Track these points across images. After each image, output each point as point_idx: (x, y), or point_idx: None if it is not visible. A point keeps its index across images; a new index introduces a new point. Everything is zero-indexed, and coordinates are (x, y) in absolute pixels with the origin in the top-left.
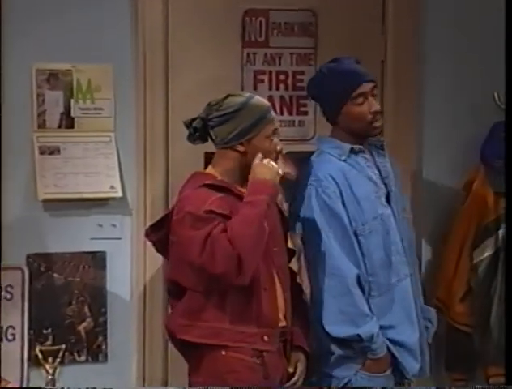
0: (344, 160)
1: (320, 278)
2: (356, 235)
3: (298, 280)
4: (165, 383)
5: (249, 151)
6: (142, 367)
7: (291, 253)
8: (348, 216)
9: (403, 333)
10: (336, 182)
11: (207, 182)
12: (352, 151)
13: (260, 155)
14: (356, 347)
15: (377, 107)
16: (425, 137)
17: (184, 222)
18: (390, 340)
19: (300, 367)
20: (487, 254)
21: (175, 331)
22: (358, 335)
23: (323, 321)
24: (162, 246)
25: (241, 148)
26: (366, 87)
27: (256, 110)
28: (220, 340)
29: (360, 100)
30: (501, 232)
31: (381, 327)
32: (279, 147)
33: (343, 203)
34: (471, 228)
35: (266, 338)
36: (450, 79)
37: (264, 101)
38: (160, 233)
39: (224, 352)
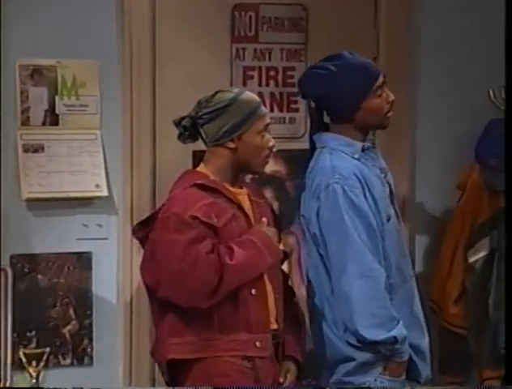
0: (358, 159)
1: (351, 280)
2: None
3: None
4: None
5: (240, 148)
6: (128, 371)
7: (284, 255)
8: (374, 217)
9: (415, 336)
10: (360, 181)
11: (198, 182)
12: (362, 148)
13: None
14: (384, 350)
15: (392, 96)
16: (419, 134)
17: (168, 222)
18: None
19: (291, 377)
20: (482, 254)
21: (165, 352)
22: (394, 337)
23: (354, 324)
24: None
25: (231, 145)
26: (382, 78)
27: (246, 105)
28: (213, 352)
29: (379, 91)
30: (496, 231)
31: None
32: (271, 143)
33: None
34: (465, 227)
35: (258, 344)
36: (444, 76)
37: (254, 96)
38: (147, 231)
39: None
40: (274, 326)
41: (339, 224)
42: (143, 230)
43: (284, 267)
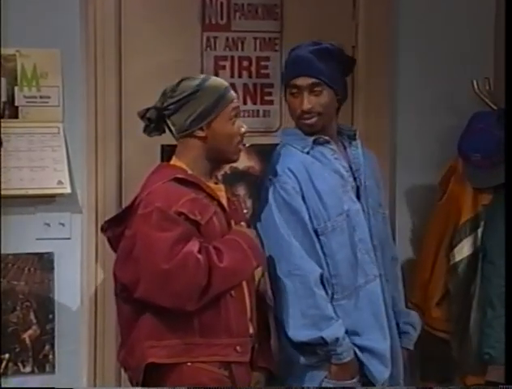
0: (307, 153)
1: (280, 279)
2: (317, 233)
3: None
4: None
5: (211, 136)
6: (93, 379)
7: None
8: (309, 213)
9: (371, 338)
10: (296, 177)
11: (179, 176)
12: (315, 142)
13: None
14: (320, 352)
15: (306, 106)
16: (399, 128)
17: (151, 218)
18: (357, 346)
19: None
20: (465, 254)
21: (143, 356)
22: (322, 338)
23: (285, 325)
24: (119, 243)
25: (201, 133)
26: (303, 81)
27: (213, 90)
28: (193, 357)
29: (295, 92)
30: (480, 230)
31: (348, 332)
32: (243, 129)
33: (304, 199)
34: (448, 226)
35: (238, 348)
36: (425, 67)
37: (221, 81)
38: (119, 229)
39: (189, 364)
40: (251, 329)
41: (269, 222)
42: (114, 228)
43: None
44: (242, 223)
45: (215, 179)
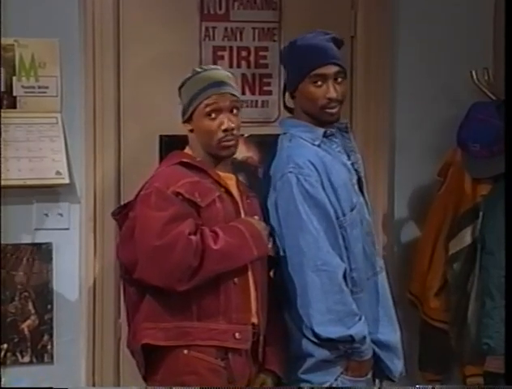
0: (318, 145)
1: (306, 274)
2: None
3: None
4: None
5: (195, 130)
6: (91, 369)
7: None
8: (332, 206)
9: (384, 332)
10: (316, 169)
11: (184, 160)
12: (325, 134)
13: None
14: (342, 349)
15: (333, 94)
16: (398, 118)
17: (150, 198)
18: (373, 340)
19: None
20: (464, 245)
21: (139, 337)
22: (350, 336)
23: (309, 320)
24: None
25: (188, 127)
26: (329, 69)
27: (197, 84)
28: (189, 340)
29: (319, 82)
30: (478, 221)
31: None
32: (223, 126)
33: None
34: (446, 217)
35: (237, 335)
36: (424, 57)
37: (216, 74)
38: (125, 211)
39: (185, 351)
40: (254, 319)
41: (293, 215)
42: (123, 210)
43: None
44: (256, 217)
45: (228, 168)
